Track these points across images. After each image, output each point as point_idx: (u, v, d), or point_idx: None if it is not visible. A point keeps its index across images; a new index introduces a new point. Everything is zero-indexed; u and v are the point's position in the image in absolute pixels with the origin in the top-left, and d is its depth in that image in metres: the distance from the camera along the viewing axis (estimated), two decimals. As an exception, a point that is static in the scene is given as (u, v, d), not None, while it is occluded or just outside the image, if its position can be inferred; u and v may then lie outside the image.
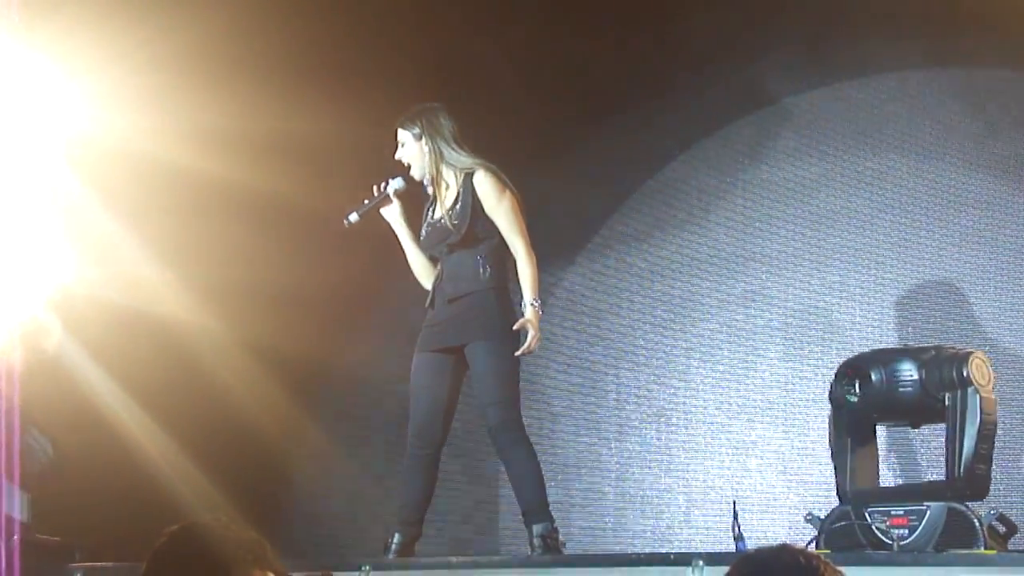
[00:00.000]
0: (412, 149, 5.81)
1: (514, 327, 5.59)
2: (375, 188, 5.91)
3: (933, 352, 5.08)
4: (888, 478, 6.44)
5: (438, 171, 5.79)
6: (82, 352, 6.45)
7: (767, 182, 7.14)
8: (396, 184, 5.89)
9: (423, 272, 5.93)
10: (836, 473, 5.17)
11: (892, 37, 6.65)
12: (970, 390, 4.97)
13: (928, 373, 5.01)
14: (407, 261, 5.94)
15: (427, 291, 5.87)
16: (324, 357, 7.44)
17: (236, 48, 6.56)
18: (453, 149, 5.76)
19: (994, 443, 5.01)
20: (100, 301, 6.52)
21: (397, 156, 5.85)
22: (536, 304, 5.63)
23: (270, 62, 6.74)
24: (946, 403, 5.00)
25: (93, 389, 6.45)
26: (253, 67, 6.61)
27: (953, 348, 5.12)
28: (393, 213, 5.92)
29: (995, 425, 5.03)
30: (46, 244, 6.47)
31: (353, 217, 5.88)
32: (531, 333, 5.58)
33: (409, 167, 5.83)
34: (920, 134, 6.74)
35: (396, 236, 5.92)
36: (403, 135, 5.83)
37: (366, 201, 5.89)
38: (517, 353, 5.59)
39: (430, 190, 5.83)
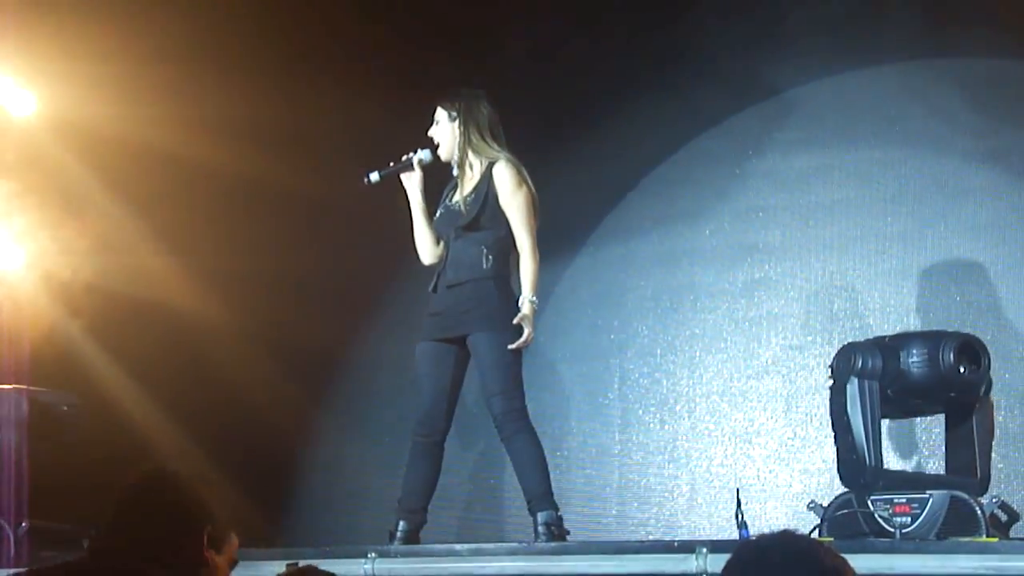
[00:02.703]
0: (445, 128, 5.85)
1: (512, 322, 5.61)
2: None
3: None
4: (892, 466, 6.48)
5: (464, 156, 5.82)
6: (92, 341, 6.49)
7: (769, 173, 7.14)
8: (423, 155, 5.92)
9: (423, 247, 5.97)
10: (864, 451, 5.02)
11: (894, 27, 6.65)
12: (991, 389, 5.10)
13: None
14: (413, 235, 5.97)
15: (427, 269, 5.93)
16: (332, 346, 7.48)
17: (244, 39, 6.59)
18: (483, 138, 5.79)
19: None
20: (109, 291, 6.56)
21: (430, 133, 5.90)
22: (534, 301, 5.66)
23: (279, 52, 6.77)
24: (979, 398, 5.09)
25: (102, 377, 6.49)
26: (263, 58, 6.64)
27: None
28: (413, 182, 5.95)
29: None
30: (56, 233, 6.52)
31: (374, 176, 5.92)
32: (526, 329, 5.61)
33: (439, 146, 5.88)
34: (922, 125, 6.75)
35: (409, 207, 5.95)
36: (440, 113, 5.87)
37: (391, 164, 5.93)
38: (511, 347, 5.61)
39: (456, 173, 5.86)
